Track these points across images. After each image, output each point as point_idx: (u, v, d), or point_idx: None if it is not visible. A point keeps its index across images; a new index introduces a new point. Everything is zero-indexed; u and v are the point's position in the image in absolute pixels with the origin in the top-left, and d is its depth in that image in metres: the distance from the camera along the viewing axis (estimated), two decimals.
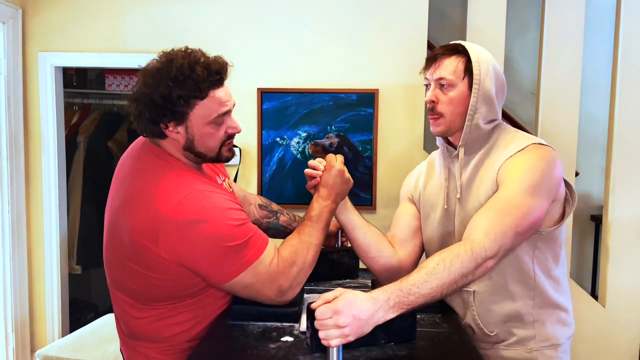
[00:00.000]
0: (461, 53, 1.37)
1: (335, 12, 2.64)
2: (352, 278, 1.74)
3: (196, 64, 1.24)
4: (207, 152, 1.32)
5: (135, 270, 1.26)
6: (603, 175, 2.79)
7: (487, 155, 1.39)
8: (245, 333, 1.26)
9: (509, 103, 3.38)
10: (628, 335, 2.70)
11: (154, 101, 1.23)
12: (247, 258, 1.24)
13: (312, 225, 1.38)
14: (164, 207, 1.20)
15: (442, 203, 1.45)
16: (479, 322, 1.39)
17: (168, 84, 1.22)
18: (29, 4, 2.75)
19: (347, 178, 1.47)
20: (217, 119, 1.29)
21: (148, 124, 1.27)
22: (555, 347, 1.40)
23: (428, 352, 1.19)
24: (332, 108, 2.64)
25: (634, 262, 2.67)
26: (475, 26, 2.63)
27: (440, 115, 1.38)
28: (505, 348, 1.40)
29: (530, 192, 1.25)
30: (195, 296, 1.31)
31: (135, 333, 1.36)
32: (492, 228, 1.19)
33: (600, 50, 3.51)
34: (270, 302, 1.31)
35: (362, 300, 1.04)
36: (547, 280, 1.38)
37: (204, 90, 1.24)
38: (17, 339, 2.79)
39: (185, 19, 2.68)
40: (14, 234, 2.74)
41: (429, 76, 1.40)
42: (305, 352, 1.16)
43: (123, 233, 1.26)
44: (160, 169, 1.28)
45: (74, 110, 3.59)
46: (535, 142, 1.35)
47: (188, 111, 1.25)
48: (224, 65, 1.30)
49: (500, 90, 1.40)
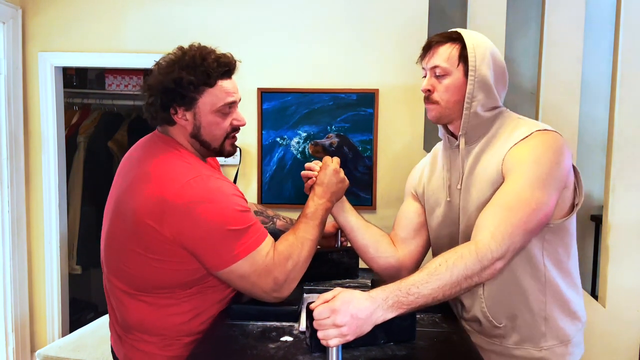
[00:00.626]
0: (456, 40, 1.34)
1: (335, 12, 2.64)
2: (352, 278, 1.74)
3: (208, 55, 1.35)
4: (212, 141, 1.39)
5: (136, 253, 1.28)
6: (603, 175, 2.79)
7: (489, 144, 1.35)
8: (244, 333, 1.26)
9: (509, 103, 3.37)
10: (628, 335, 2.70)
11: (166, 87, 1.32)
12: (247, 245, 1.27)
13: (307, 222, 1.40)
14: (171, 188, 1.24)
15: (444, 196, 1.43)
16: (487, 314, 1.35)
17: (180, 70, 1.31)
18: (29, 4, 2.75)
19: (343, 178, 1.48)
20: (223, 108, 1.37)
21: (159, 110, 1.35)
22: (565, 343, 1.36)
23: (428, 352, 1.19)
24: (332, 108, 2.64)
25: (634, 262, 2.66)
26: (476, 26, 2.62)
27: (435, 103, 1.36)
28: (515, 347, 1.36)
29: (538, 186, 1.21)
30: (193, 286, 1.32)
31: (131, 324, 1.35)
32: (499, 228, 1.16)
33: (600, 50, 3.51)
34: (266, 296, 1.32)
35: (360, 299, 1.04)
36: (558, 274, 1.34)
37: (213, 79, 1.34)
38: (17, 339, 2.79)
39: (185, 19, 2.68)
40: (14, 234, 2.74)
41: (425, 65, 1.38)
42: (304, 352, 1.16)
43: (127, 215, 1.29)
44: (168, 154, 1.34)
45: (74, 110, 3.59)
46: (540, 129, 1.30)
47: (197, 97, 1.34)
48: (233, 61, 1.40)
49: (500, 77, 1.36)
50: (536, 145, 1.26)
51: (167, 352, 1.34)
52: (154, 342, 1.34)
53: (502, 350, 1.38)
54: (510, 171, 1.25)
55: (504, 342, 1.37)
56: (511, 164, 1.26)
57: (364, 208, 2.62)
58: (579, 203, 1.33)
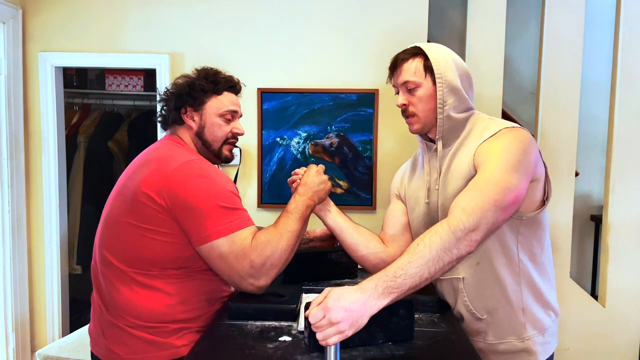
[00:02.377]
0: (418, 54, 1.44)
1: (335, 12, 2.64)
2: (351, 278, 1.74)
3: (219, 73, 1.58)
4: (212, 141, 1.55)
5: (131, 226, 1.38)
6: (603, 175, 2.79)
7: (463, 144, 1.43)
8: (243, 333, 1.26)
9: (509, 103, 3.38)
10: (628, 335, 2.70)
11: (180, 91, 1.54)
12: (230, 225, 1.35)
13: (287, 216, 1.46)
14: (171, 164, 1.38)
15: (424, 197, 1.50)
16: (470, 307, 1.42)
17: (194, 79, 1.55)
18: (29, 4, 2.76)
19: (325, 179, 1.57)
20: (226, 114, 1.55)
21: (172, 111, 1.55)
22: (542, 332, 1.44)
23: (426, 352, 1.19)
24: (332, 108, 2.64)
25: (634, 262, 2.67)
26: (475, 26, 2.63)
27: (414, 115, 1.45)
28: (499, 342, 1.43)
29: (507, 170, 1.27)
30: (182, 267, 1.40)
31: (118, 304, 1.40)
32: (470, 204, 1.21)
33: (600, 50, 3.51)
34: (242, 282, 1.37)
35: (350, 293, 1.06)
36: (532, 266, 1.41)
37: (221, 89, 1.55)
38: (17, 339, 2.79)
39: (185, 19, 2.68)
40: (14, 234, 2.75)
41: (395, 82, 1.49)
42: (302, 351, 1.16)
43: (128, 192, 1.40)
44: (172, 146, 1.51)
45: (74, 110, 3.60)
46: (508, 126, 1.38)
47: (205, 100, 1.54)
48: (239, 83, 1.63)
49: (465, 79, 1.45)
50: (504, 138, 1.35)
51: (150, 337, 1.38)
52: (142, 326, 1.38)
53: (487, 347, 1.44)
54: (481, 162, 1.33)
55: (487, 338, 1.44)
56: (481, 157, 1.34)
57: (364, 208, 2.62)
58: (549, 197, 1.40)
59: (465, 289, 1.43)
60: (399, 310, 1.20)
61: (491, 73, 2.60)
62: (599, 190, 3.48)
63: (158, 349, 1.38)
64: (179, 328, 1.39)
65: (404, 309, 1.20)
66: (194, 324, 1.42)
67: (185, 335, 1.40)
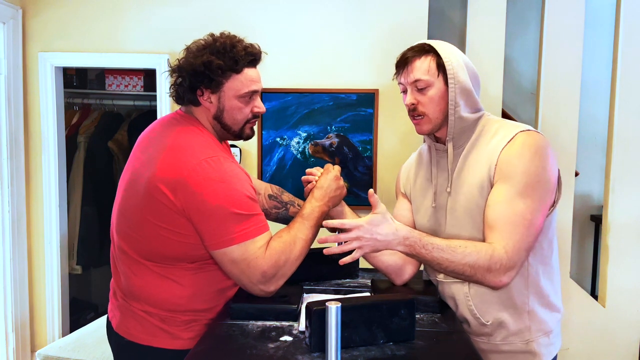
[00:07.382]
0: (429, 52, 1.38)
1: (335, 12, 2.64)
2: (352, 278, 1.74)
3: (237, 43, 1.42)
4: (232, 124, 1.46)
5: (148, 222, 1.35)
6: (603, 175, 2.79)
7: (474, 146, 1.40)
8: (244, 332, 1.26)
9: (509, 103, 3.38)
10: (628, 335, 2.70)
11: (196, 69, 1.39)
12: (245, 232, 1.33)
13: (302, 222, 1.43)
14: (189, 162, 1.32)
15: (430, 199, 1.48)
16: (475, 312, 1.40)
17: (210, 55, 1.39)
18: (29, 4, 2.76)
19: (342, 185, 1.53)
20: (246, 95, 1.44)
21: (186, 91, 1.43)
22: (547, 334, 1.41)
23: (427, 352, 1.19)
24: (332, 108, 2.64)
25: (634, 262, 2.67)
26: (475, 26, 2.63)
27: (423, 115, 1.39)
28: (503, 343, 1.41)
29: (534, 199, 1.29)
30: (195, 261, 1.38)
31: (134, 290, 1.41)
32: (509, 243, 1.27)
33: (600, 50, 3.51)
34: (252, 287, 1.36)
35: (386, 227, 1.28)
36: (541, 268, 1.39)
37: (240, 66, 1.41)
38: (17, 339, 2.79)
39: (185, 19, 2.68)
40: (14, 234, 2.74)
41: (403, 80, 1.41)
42: (304, 351, 1.16)
43: (143, 183, 1.35)
44: (188, 129, 1.42)
45: (74, 110, 3.59)
46: (523, 130, 1.35)
47: (223, 81, 1.41)
48: (259, 51, 1.48)
49: (474, 80, 1.41)
50: (525, 153, 1.31)
51: (163, 325, 1.39)
52: (153, 312, 1.39)
53: (490, 348, 1.43)
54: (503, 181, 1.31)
55: (491, 339, 1.42)
56: (503, 173, 1.32)
57: (364, 208, 2.61)
58: (558, 199, 1.39)
59: (471, 293, 1.40)
60: (400, 310, 1.20)
61: (491, 73, 2.60)
62: (599, 190, 3.48)
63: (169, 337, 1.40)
64: (189, 320, 1.40)
65: (405, 309, 1.20)
66: (204, 315, 1.42)
67: (193, 327, 1.41)
